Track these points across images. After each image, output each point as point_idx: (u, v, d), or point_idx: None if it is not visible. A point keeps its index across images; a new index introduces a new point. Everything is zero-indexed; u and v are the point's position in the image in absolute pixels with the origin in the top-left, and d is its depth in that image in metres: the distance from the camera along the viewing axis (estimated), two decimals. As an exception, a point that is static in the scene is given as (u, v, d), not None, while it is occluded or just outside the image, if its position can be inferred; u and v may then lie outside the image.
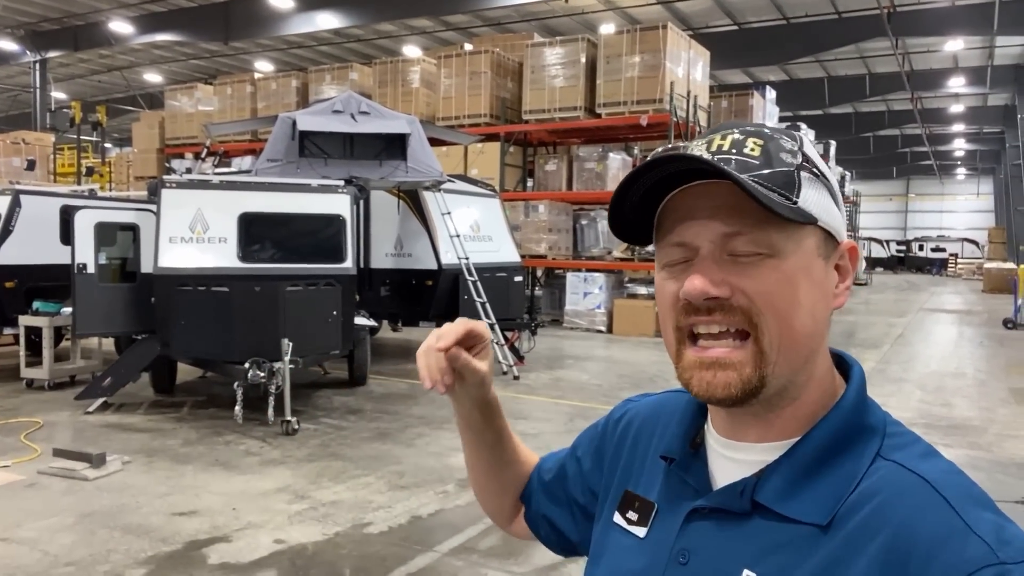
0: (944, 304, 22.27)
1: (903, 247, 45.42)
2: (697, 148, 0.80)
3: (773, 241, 0.75)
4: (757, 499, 0.77)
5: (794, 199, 0.75)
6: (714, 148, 0.78)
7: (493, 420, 1.07)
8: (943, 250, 43.65)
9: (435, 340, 0.93)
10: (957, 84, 25.66)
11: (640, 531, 0.88)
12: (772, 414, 0.79)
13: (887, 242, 44.90)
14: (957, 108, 30.86)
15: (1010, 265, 27.55)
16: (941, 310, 20.39)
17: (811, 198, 0.77)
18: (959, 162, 46.34)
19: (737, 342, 0.76)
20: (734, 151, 0.77)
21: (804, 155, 0.78)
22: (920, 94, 26.55)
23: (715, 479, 0.83)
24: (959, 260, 42.15)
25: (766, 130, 0.80)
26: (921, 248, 44.52)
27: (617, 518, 0.91)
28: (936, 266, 42.25)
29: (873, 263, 40.20)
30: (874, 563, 0.69)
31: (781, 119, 20.86)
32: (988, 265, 29.85)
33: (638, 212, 0.80)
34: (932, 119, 31.48)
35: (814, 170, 0.78)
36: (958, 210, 51.51)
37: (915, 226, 51.65)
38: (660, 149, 0.84)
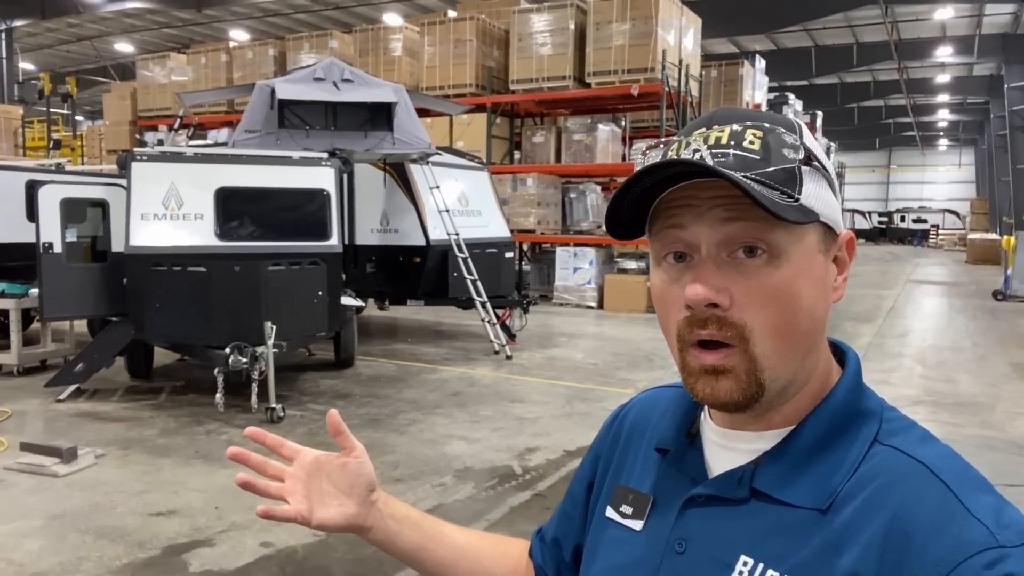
0: (930, 276, 22.23)
1: (885, 218, 45.62)
2: (695, 141, 0.76)
3: (775, 239, 0.73)
4: (755, 486, 0.77)
5: (796, 196, 0.73)
6: (712, 141, 0.75)
7: (421, 524, 1.03)
8: (924, 221, 43.87)
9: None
10: (944, 53, 25.44)
11: (636, 524, 0.86)
12: (773, 411, 0.79)
13: (869, 213, 45.00)
14: (943, 78, 30.69)
15: (994, 236, 27.58)
16: (928, 281, 20.33)
17: (812, 193, 0.75)
18: (942, 133, 46.32)
19: (732, 349, 0.75)
20: (733, 144, 0.74)
21: (805, 147, 0.76)
22: (907, 64, 26.30)
23: (711, 468, 0.82)
24: (940, 231, 42.35)
25: (764, 121, 0.76)
26: (903, 219, 44.71)
27: (610, 513, 0.89)
28: (918, 237, 42.46)
29: (856, 235, 40.18)
30: (872, 546, 0.68)
31: (769, 89, 20.51)
32: (972, 236, 29.89)
33: (634, 208, 0.78)
34: (917, 89, 31.32)
35: (815, 163, 0.76)
36: (939, 181, 51.65)
37: (896, 197, 51.72)
38: (655, 149, 0.80)
